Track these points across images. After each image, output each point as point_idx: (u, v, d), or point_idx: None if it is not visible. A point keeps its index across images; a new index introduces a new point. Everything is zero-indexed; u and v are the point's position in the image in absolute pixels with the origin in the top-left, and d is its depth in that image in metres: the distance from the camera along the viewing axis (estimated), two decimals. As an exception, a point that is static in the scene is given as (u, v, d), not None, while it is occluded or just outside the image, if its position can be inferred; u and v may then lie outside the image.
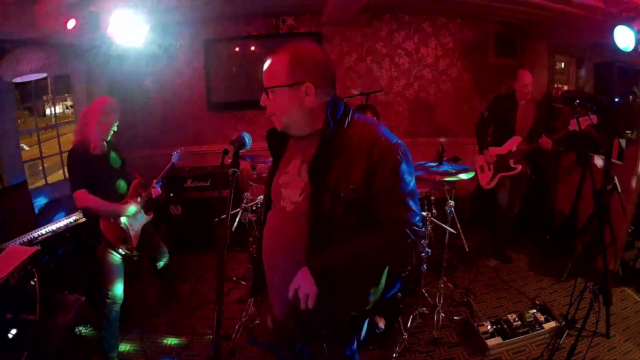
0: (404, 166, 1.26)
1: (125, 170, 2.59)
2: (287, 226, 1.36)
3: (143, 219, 2.66)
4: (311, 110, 1.30)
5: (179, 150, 2.94)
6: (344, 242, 1.25)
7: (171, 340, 2.81)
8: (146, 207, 2.66)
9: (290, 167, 1.39)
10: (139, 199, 2.58)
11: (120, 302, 2.48)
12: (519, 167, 3.51)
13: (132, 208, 2.51)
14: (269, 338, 1.58)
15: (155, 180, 2.72)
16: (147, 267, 3.04)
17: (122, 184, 2.54)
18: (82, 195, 2.28)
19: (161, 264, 2.93)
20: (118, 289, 2.46)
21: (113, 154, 2.50)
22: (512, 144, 3.53)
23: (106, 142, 2.43)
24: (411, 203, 1.26)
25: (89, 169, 2.31)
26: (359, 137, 1.28)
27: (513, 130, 3.53)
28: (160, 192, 2.72)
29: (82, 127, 2.38)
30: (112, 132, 2.44)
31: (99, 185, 2.34)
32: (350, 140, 1.28)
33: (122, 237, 2.46)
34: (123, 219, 2.49)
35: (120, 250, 2.44)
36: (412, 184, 1.28)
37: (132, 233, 2.53)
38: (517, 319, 2.73)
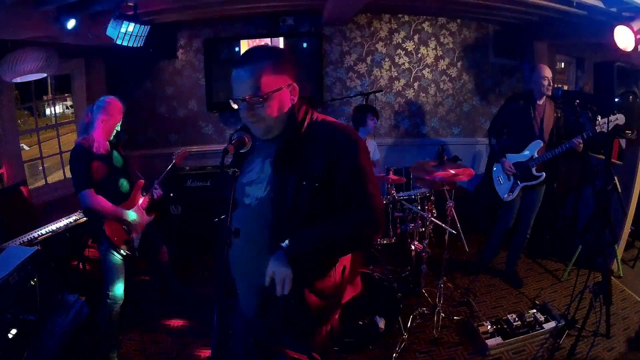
0: (362, 157, 1.34)
1: (127, 169, 2.59)
2: (252, 220, 1.39)
3: (145, 220, 2.65)
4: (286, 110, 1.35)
5: (179, 151, 2.94)
6: (310, 228, 1.31)
7: (171, 340, 2.81)
8: (148, 209, 2.66)
9: (253, 166, 1.44)
10: (141, 201, 2.58)
11: (121, 302, 2.47)
12: (543, 174, 3.12)
13: (136, 214, 2.51)
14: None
15: (156, 182, 2.71)
16: (148, 267, 3.04)
17: (124, 183, 2.53)
18: (89, 196, 2.26)
19: (161, 264, 2.92)
20: (118, 289, 2.45)
21: (116, 154, 2.49)
22: (533, 149, 3.13)
23: (109, 141, 2.43)
24: (370, 188, 1.33)
25: (92, 169, 2.31)
26: (320, 131, 1.35)
27: (532, 133, 3.11)
28: (162, 193, 2.72)
29: (85, 126, 2.38)
30: (115, 132, 2.43)
31: (102, 185, 2.33)
32: (312, 135, 1.35)
33: (124, 238, 2.46)
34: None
35: (121, 251, 2.43)
36: (370, 172, 1.36)
37: (134, 234, 2.53)
38: (517, 319, 2.73)
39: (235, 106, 1.33)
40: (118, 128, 2.44)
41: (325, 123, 1.39)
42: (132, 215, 2.50)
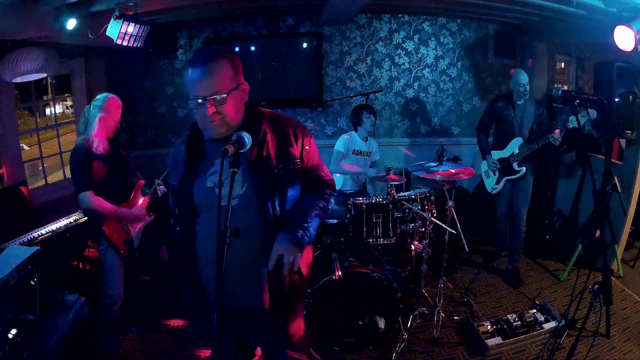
0: (313, 139, 1.58)
1: (128, 169, 2.58)
2: (236, 218, 1.32)
3: (145, 220, 2.65)
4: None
5: None
6: (296, 208, 1.48)
7: (171, 340, 2.81)
8: (148, 209, 2.66)
9: (215, 168, 1.42)
10: (141, 201, 2.58)
11: (120, 301, 2.47)
12: (524, 169, 3.37)
13: (137, 213, 2.51)
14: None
15: (158, 180, 2.71)
16: (148, 267, 3.04)
17: (125, 183, 2.52)
18: (89, 198, 2.25)
19: (161, 264, 2.92)
20: (118, 288, 2.45)
21: (116, 153, 2.48)
22: (514, 146, 3.39)
23: (109, 140, 2.41)
24: (324, 164, 1.65)
25: (93, 169, 2.30)
26: (277, 123, 1.48)
27: (513, 131, 3.39)
28: (166, 190, 2.72)
29: (84, 126, 2.36)
30: (115, 129, 2.42)
31: (102, 185, 2.33)
32: (276, 128, 1.47)
33: (123, 238, 2.45)
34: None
35: (121, 251, 2.43)
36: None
37: (133, 234, 2.52)
38: (517, 319, 2.73)
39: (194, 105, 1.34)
40: (118, 125, 2.42)
41: (280, 116, 1.53)
42: (136, 215, 2.50)
